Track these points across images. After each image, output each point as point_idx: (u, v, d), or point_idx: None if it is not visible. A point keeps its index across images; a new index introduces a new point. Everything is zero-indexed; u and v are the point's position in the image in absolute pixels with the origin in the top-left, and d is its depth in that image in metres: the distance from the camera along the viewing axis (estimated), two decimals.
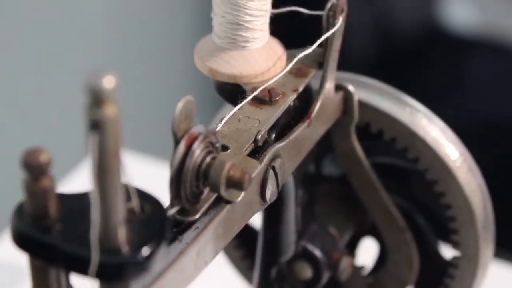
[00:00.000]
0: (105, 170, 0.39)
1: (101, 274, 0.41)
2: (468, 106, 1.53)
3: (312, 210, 0.62)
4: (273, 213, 0.58)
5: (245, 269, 0.68)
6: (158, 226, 0.42)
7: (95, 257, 0.41)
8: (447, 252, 0.62)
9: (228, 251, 0.68)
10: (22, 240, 0.42)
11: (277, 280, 0.61)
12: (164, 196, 0.45)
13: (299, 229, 0.59)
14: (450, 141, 0.58)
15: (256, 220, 0.65)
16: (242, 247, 0.67)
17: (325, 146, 0.61)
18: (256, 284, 0.61)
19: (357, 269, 0.64)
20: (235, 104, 0.52)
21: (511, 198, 1.35)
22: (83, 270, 0.41)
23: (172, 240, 0.46)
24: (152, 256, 0.41)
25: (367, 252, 0.66)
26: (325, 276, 0.61)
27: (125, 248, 0.41)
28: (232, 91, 0.53)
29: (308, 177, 0.62)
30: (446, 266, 0.61)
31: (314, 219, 0.61)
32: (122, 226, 0.41)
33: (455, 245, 0.60)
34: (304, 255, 0.60)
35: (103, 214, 0.40)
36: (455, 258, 0.61)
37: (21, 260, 0.79)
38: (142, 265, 0.41)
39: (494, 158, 1.47)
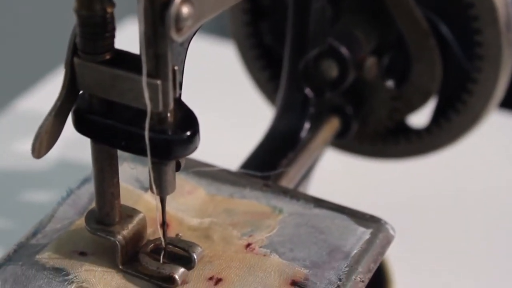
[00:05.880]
0: None
1: None
2: None
3: (338, 18, 0.63)
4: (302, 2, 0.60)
5: (270, 91, 0.69)
6: None
7: None
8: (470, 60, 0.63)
9: (254, 73, 0.69)
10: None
11: (304, 76, 0.62)
12: None
13: (326, 25, 0.61)
14: None
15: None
16: (268, 69, 0.69)
17: None
18: (284, 81, 0.63)
19: (381, 80, 0.65)
20: None
21: None
22: None
23: None
24: None
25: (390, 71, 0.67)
26: (351, 76, 0.62)
27: None
28: None
29: None
30: (469, 71, 0.63)
31: (341, 23, 0.63)
32: None
33: (478, 45, 0.61)
34: (331, 52, 0.61)
35: None
36: (477, 61, 0.62)
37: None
38: None
39: None
